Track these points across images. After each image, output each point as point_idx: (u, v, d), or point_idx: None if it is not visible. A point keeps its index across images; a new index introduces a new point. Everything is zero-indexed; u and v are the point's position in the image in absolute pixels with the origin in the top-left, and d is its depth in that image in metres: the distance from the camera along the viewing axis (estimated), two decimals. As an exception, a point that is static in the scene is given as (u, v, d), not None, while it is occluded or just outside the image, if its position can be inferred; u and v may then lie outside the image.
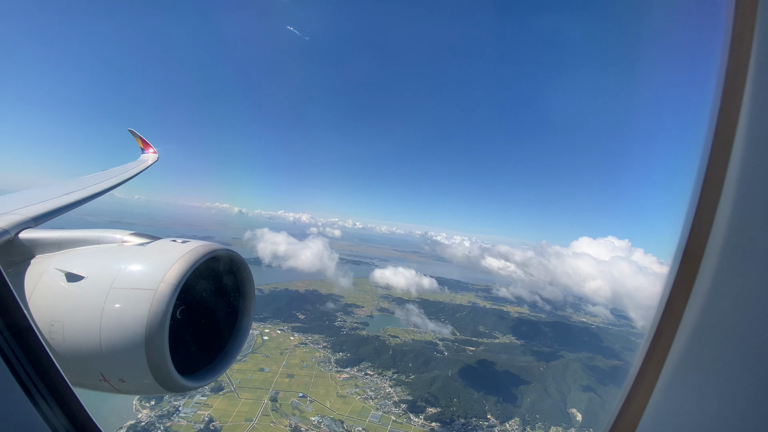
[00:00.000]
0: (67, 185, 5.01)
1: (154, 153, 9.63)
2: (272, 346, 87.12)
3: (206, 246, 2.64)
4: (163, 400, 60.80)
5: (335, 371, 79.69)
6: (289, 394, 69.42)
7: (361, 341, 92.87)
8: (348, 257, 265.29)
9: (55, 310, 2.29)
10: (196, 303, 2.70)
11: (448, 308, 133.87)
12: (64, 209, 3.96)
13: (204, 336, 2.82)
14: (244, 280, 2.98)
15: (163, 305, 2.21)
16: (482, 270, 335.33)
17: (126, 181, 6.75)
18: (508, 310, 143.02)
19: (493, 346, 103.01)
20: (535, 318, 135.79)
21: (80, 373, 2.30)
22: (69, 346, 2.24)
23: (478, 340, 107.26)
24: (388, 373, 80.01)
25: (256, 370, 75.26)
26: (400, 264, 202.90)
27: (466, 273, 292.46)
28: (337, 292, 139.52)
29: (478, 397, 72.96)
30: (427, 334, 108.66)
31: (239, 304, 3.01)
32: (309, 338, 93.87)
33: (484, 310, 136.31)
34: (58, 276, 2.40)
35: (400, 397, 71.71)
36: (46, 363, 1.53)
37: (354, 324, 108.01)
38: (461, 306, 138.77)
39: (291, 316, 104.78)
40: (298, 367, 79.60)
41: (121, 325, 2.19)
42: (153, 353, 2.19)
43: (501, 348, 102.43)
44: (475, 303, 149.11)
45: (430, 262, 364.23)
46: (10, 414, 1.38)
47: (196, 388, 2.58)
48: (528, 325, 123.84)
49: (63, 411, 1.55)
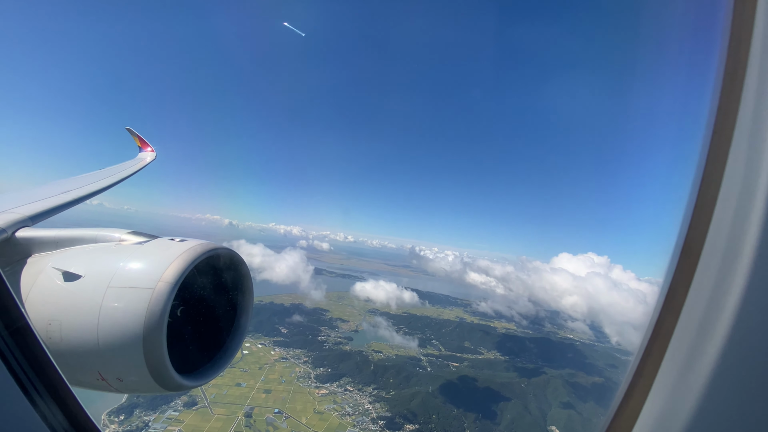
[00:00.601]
0: (64, 184, 4.95)
1: (151, 152, 9.43)
2: (251, 360, 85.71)
3: (204, 245, 2.64)
4: (133, 414, 59.21)
5: (314, 387, 78.50)
6: (265, 410, 68.06)
7: (343, 356, 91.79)
8: (337, 271, 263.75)
9: (52, 308, 2.29)
10: (194, 302, 2.72)
11: (434, 323, 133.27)
12: (61, 208, 3.93)
13: (202, 335, 2.82)
14: (242, 279, 2.97)
15: (161, 304, 2.20)
16: (468, 285, 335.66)
17: (124, 179, 6.65)
18: (495, 326, 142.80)
19: (477, 362, 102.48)
20: (522, 334, 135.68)
21: (78, 372, 2.30)
22: (66, 344, 2.23)
23: (462, 356, 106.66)
24: (369, 389, 79.00)
25: (232, 385, 73.80)
26: (389, 278, 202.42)
27: (456, 288, 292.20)
28: (323, 306, 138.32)
29: (458, 413, 72.24)
30: (412, 350, 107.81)
31: (237, 302, 3.01)
32: (290, 353, 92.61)
33: (470, 325, 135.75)
34: (55, 275, 2.39)
35: (378, 413, 70.69)
36: (43, 362, 1.54)
37: (338, 339, 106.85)
38: (448, 321, 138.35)
39: (273, 330, 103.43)
40: (277, 382, 78.28)
41: (118, 324, 2.19)
42: (151, 352, 2.18)
43: (485, 364, 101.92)
44: (462, 318, 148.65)
45: (420, 277, 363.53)
46: (8, 413, 1.38)
47: (194, 387, 2.57)
48: (513, 341, 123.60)
49: (61, 410, 1.55)
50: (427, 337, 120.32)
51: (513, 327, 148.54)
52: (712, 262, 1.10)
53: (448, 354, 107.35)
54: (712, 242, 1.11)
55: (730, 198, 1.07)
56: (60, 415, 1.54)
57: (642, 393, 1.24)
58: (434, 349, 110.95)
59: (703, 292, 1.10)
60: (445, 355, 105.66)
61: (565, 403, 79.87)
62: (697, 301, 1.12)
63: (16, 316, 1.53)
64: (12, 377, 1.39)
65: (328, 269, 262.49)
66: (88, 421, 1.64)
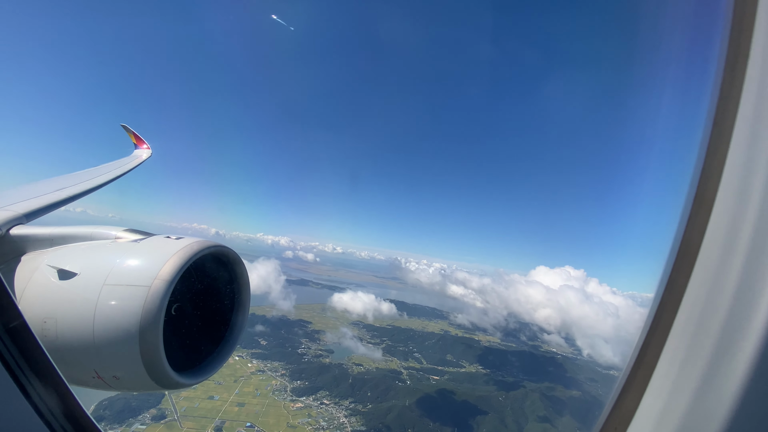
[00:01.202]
0: (59, 181, 4.91)
1: (147, 149, 9.27)
2: (227, 372, 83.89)
3: (200, 242, 2.62)
4: (97, 429, 57.21)
5: (290, 400, 77.19)
6: (236, 423, 66.64)
7: (322, 369, 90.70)
8: (324, 282, 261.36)
9: (47, 306, 2.27)
10: (190, 299, 2.71)
11: (418, 336, 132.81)
12: (56, 205, 3.89)
13: (199, 332, 2.81)
14: (239, 276, 2.97)
15: (157, 302, 2.19)
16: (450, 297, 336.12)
17: (120, 176, 6.55)
18: (479, 339, 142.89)
19: (458, 375, 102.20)
20: (505, 347, 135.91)
21: (74, 371, 2.28)
22: (62, 342, 2.22)
23: (444, 369, 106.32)
24: (345, 403, 78.05)
25: (204, 398, 72.19)
26: (375, 290, 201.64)
27: (442, 300, 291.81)
28: (306, 317, 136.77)
29: (434, 427, 71.80)
30: (393, 362, 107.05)
31: (234, 300, 3.00)
32: (268, 365, 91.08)
33: (453, 338, 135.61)
34: (50, 272, 2.38)
35: (353, 427, 69.82)
36: (41, 360, 1.53)
37: (318, 351, 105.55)
38: (432, 334, 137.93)
39: (252, 342, 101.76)
40: (251, 395, 76.77)
41: (114, 322, 2.18)
42: (147, 350, 2.17)
43: (465, 377, 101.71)
44: (446, 331, 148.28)
45: (407, 288, 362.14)
46: (7, 413, 1.38)
47: (191, 384, 2.56)
48: (495, 354, 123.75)
49: (59, 408, 1.55)
50: (410, 350, 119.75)
51: (497, 340, 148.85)
52: (709, 262, 1.09)
53: (430, 367, 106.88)
54: (709, 243, 1.11)
55: (729, 197, 1.08)
56: (59, 413, 1.53)
57: (638, 392, 1.23)
58: (416, 362, 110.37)
59: (700, 291, 1.10)
60: (426, 369, 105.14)
61: (542, 417, 80.00)
62: (695, 302, 1.12)
63: (12, 314, 1.52)
64: (9, 376, 1.38)
65: (315, 280, 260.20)
66: (86, 419, 1.63)
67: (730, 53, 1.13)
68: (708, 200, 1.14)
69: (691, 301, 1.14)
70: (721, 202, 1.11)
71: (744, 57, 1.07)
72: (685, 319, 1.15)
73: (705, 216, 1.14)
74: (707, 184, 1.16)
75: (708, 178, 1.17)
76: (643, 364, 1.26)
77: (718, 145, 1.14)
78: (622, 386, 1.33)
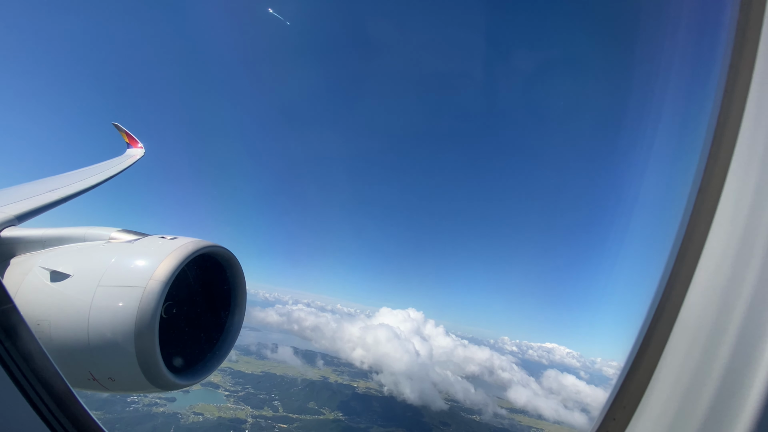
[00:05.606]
0: (51, 182, 4.82)
1: (140, 148, 9.00)
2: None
3: (196, 243, 2.59)
4: None
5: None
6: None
7: (144, 418, 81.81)
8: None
9: (41, 308, 2.26)
10: (186, 300, 2.71)
11: (285, 383, 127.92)
12: (48, 207, 3.84)
13: (194, 333, 2.81)
14: (235, 277, 2.95)
15: (152, 303, 2.18)
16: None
17: (113, 177, 6.42)
18: (356, 385, 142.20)
19: (310, 424, 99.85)
20: (377, 393, 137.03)
21: (69, 372, 2.24)
22: (56, 344, 2.20)
23: (299, 417, 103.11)
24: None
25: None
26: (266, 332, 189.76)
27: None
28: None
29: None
30: (243, 411, 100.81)
31: (230, 300, 2.98)
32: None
33: (323, 384, 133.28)
34: (43, 274, 2.36)
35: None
36: (41, 361, 1.49)
37: (156, 399, 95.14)
38: (305, 380, 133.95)
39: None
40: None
41: (109, 324, 2.16)
42: (143, 351, 2.16)
43: (317, 425, 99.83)
44: (325, 377, 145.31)
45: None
46: (7, 414, 1.35)
47: (187, 385, 2.55)
48: (361, 400, 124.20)
49: (59, 408, 1.49)
50: (271, 397, 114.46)
51: (374, 386, 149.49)
52: (710, 262, 1.09)
53: (283, 415, 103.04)
54: (713, 241, 1.10)
55: (732, 199, 1.08)
56: (61, 414, 1.49)
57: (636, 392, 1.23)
58: (271, 410, 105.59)
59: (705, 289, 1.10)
60: (278, 417, 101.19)
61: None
62: (694, 302, 1.12)
63: (9, 315, 1.48)
64: (9, 378, 1.36)
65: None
66: (87, 419, 1.58)
67: (735, 52, 1.10)
68: (712, 199, 1.13)
69: (695, 297, 1.13)
70: (726, 201, 1.09)
71: (750, 57, 1.03)
72: (687, 317, 1.14)
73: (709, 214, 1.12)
74: (710, 184, 1.15)
75: (711, 179, 1.15)
76: (643, 364, 1.24)
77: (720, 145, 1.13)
78: (619, 387, 1.31)
